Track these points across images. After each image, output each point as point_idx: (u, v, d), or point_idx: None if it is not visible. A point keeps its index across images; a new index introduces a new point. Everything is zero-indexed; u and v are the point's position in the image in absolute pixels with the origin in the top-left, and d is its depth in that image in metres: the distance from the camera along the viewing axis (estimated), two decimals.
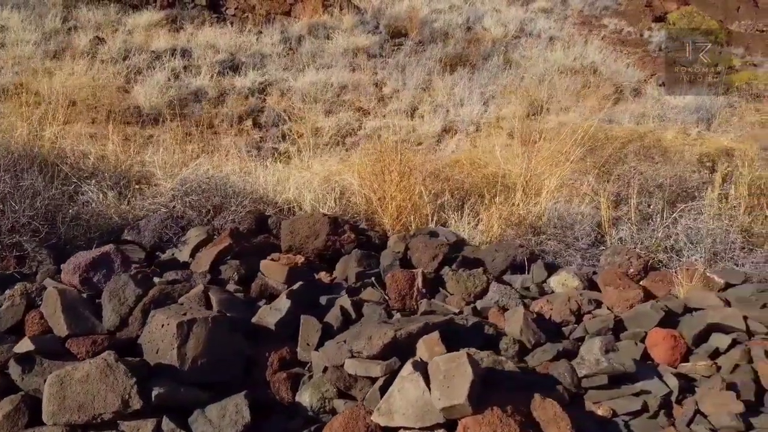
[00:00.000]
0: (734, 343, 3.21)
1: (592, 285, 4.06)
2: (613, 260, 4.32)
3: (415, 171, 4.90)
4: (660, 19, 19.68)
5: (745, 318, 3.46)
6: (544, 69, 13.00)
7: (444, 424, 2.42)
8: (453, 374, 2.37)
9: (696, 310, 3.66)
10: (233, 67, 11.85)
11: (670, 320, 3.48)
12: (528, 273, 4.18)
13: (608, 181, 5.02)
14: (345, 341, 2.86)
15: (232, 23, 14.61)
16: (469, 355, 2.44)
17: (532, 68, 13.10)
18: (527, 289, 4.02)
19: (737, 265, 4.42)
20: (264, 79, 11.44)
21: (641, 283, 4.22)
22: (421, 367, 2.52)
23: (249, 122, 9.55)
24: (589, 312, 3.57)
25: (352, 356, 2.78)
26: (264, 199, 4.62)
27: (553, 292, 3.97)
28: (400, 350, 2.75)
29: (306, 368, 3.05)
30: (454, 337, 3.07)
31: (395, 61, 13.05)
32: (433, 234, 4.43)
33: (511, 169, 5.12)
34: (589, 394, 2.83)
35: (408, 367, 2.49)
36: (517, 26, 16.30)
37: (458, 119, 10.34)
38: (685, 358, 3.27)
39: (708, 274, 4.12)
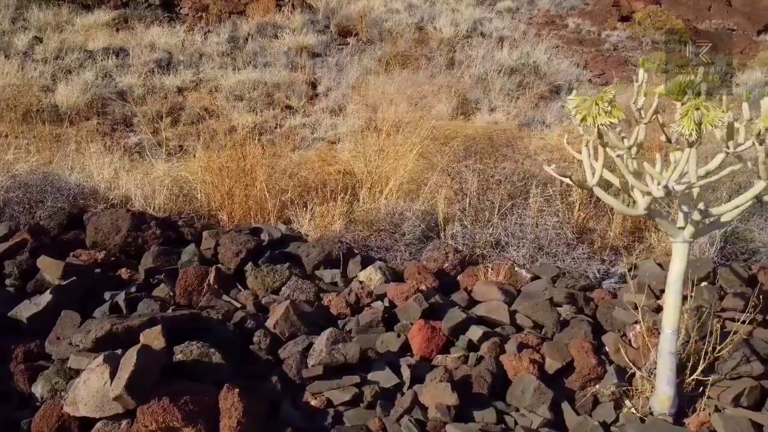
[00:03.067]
0: (485, 336, 3.25)
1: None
2: (432, 255, 4.37)
3: (258, 168, 4.94)
4: (626, 18, 19.70)
5: (513, 312, 3.51)
6: (483, 69, 13.03)
7: (127, 414, 2.46)
8: (126, 366, 2.41)
9: (480, 302, 3.72)
10: (168, 66, 11.89)
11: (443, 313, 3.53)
12: (344, 268, 4.24)
13: (454, 179, 5.07)
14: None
15: (184, 23, 14.67)
16: (144, 346, 2.49)
17: (473, 68, 13.13)
18: (335, 284, 4.07)
19: (558, 260, 4.47)
20: (196, 78, 11.47)
21: (458, 277, 4.29)
22: (117, 360, 2.56)
23: (167, 120, 9.58)
24: (368, 305, 3.62)
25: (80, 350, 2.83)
26: (95, 196, 4.66)
27: None
28: (121, 343, 2.78)
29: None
30: (202, 332, 3.10)
31: (335, 60, 13.07)
32: (256, 230, 4.47)
33: (361, 168, 5.16)
34: (313, 385, 2.87)
35: (98, 359, 2.53)
36: (470, 26, 16.32)
37: (380, 118, 10.37)
38: (445, 350, 3.32)
39: (516, 268, 4.18)
